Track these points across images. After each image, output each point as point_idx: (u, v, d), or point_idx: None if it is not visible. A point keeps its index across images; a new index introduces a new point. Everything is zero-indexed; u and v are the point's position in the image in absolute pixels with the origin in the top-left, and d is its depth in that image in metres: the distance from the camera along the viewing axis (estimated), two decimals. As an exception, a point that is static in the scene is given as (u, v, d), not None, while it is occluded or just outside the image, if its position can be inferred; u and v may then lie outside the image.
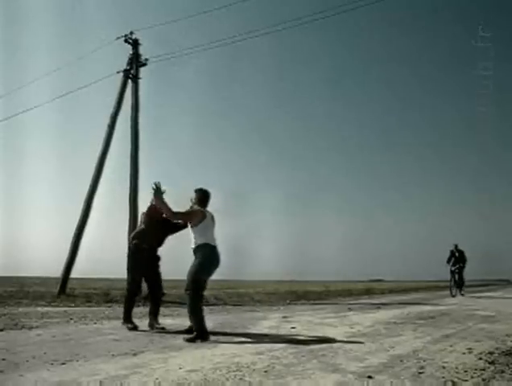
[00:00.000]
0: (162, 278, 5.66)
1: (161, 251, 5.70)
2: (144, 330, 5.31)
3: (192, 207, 5.14)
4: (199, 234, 4.85)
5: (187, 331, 4.80)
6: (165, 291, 5.96)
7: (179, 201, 5.30)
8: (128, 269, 5.61)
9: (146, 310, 5.87)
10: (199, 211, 4.97)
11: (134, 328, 5.32)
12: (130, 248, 5.62)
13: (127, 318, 5.47)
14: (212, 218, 5.08)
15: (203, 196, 5.11)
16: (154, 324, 5.42)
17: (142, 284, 5.64)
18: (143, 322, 5.68)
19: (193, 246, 4.86)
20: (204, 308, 4.94)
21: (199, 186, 5.22)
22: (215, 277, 5.05)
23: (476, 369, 3.16)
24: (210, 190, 5.25)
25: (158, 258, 5.67)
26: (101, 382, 2.76)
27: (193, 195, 5.16)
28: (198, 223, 4.86)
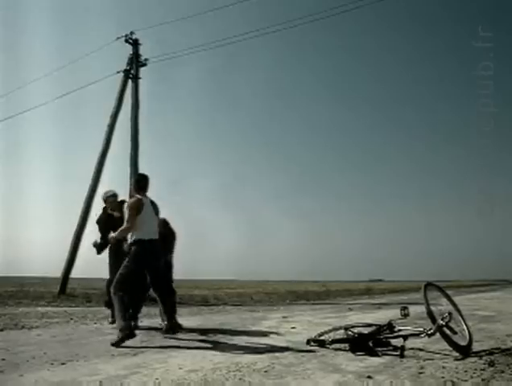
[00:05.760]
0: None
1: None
2: (144, 331, 5.32)
3: (131, 196, 4.93)
4: (137, 229, 4.50)
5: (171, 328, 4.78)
6: None
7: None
8: None
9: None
10: (135, 205, 4.55)
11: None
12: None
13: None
14: (152, 205, 4.73)
15: (139, 182, 4.80)
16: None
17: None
18: (142, 322, 5.67)
19: (129, 241, 4.55)
20: (205, 308, 4.94)
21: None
22: (216, 276, 5.05)
23: (476, 369, 3.16)
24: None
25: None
26: (101, 382, 2.76)
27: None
28: (135, 217, 4.49)
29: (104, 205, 5.79)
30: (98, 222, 5.78)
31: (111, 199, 5.70)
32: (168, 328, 4.82)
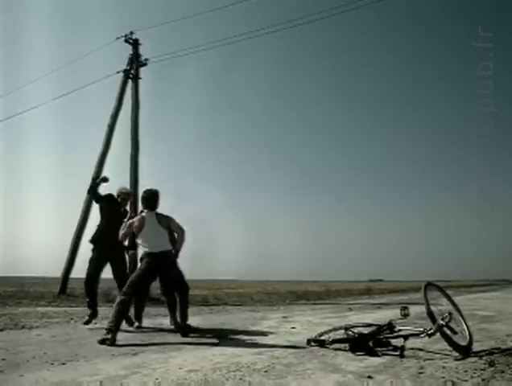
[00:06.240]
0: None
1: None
2: (144, 331, 5.32)
3: (140, 211, 5.24)
4: (141, 244, 4.81)
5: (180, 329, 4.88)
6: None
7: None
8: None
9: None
10: (136, 220, 4.87)
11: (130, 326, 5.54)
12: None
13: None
14: (157, 219, 4.89)
15: (145, 198, 4.96)
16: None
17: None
18: (143, 322, 5.68)
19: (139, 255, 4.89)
20: (205, 308, 4.95)
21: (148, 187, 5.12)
22: (216, 277, 5.11)
23: (476, 369, 3.16)
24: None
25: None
26: (101, 382, 2.76)
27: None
28: (138, 233, 4.82)
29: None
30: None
31: (122, 196, 5.75)
32: (178, 330, 4.92)
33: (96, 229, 5.70)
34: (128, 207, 6.01)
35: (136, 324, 5.56)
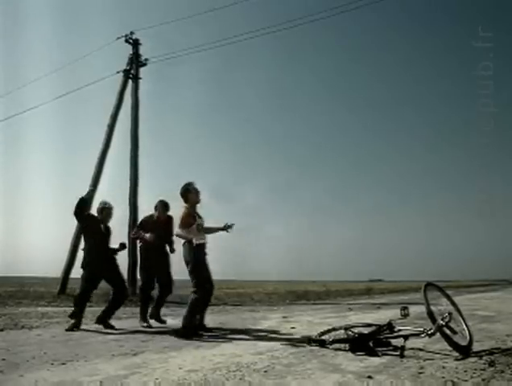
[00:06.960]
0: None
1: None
2: (144, 330, 5.32)
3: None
4: None
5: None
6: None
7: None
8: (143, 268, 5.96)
9: (134, 309, 5.94)
10: None
11: (149, 327, 5.59)
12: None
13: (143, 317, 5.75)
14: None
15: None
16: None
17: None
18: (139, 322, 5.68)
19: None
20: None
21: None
22: (216, 277, 5.26)
23: (476, 369, 3.15)
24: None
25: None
26: (101, 382, 2.76)
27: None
28: None
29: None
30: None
31: (107, 211, 5.71)
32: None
33: (84, 254, 5.60)
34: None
35: (145, 324, 5.66)
